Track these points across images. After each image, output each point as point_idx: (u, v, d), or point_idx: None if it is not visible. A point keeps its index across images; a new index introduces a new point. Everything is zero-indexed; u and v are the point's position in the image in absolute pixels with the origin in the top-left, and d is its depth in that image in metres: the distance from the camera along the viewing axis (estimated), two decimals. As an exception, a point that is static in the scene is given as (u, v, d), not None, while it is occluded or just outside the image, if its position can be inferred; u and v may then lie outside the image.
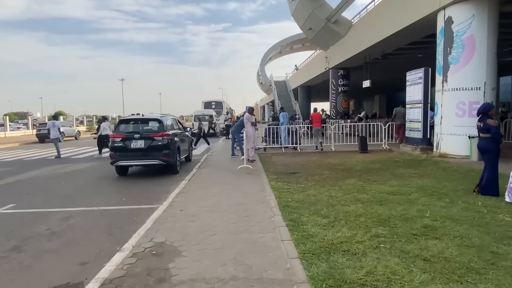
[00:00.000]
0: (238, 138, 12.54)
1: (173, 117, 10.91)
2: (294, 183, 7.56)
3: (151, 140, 8.95)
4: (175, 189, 7.34)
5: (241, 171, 9.35)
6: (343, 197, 6.12)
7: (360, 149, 12.89)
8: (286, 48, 61.51)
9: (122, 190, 7.94)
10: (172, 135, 9.49)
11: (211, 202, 6.04)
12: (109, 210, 6.14)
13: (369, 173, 8.54)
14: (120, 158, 8.94)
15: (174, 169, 9.53)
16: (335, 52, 22.59)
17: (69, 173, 10.58)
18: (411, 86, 12.76)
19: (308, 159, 11.41)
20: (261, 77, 59.66)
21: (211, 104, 33.12)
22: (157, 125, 9.34)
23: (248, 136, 10.76)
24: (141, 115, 10.10)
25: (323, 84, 33.23)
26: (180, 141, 10.36)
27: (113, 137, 9.03)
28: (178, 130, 10.68)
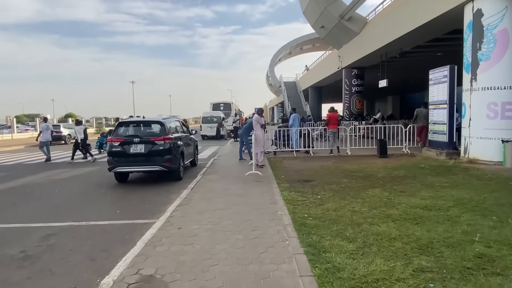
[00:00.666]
0: (246, 141, 11.71)
1: (177, 119, 10.14)
2: (310, 193, 6.69)
3: (152, 144, 8.18)
4: (176, 199, 6.54)
5: (250, 178, 8.52)
6: (369, 213, 5.23)
7: (380, 153, 11.93)
8: (296, 48, 60.62)
9: (118, 200, 7.17)
10: (175, 139, 8.72)
11: (215, 217, 5.20)
12: (98, 226, 5.35)
13: (394, 182, 7.61)
14: (118, 163, 8.19)
15: (177, 175, 8.75)
16: (349, 50, 21.63)
17: (66, 179, 9.88)
18: (435, 85, 11.77)
19: (323, 165, 10.51)
20: (271, 78, 58.86)
21: (219, 106, 32.39)
22: (158, 128, 8.57)
23: (257, 139, 9.93)
24: (141, 117, 9.32)
25: (335, 85, 32.24)
26: (184, 145, 9.58)
27: (111, 141, 8.28)
28: (182, 133, 9.91)
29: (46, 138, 13.75)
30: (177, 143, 8.83)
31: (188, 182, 8.32)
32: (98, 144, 16.74)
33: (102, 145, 16.63)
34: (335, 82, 30.60)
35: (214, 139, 25.09)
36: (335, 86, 33.84)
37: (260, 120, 10.28)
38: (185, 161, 9.64)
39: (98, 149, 16.70)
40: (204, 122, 26.46)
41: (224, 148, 17.86)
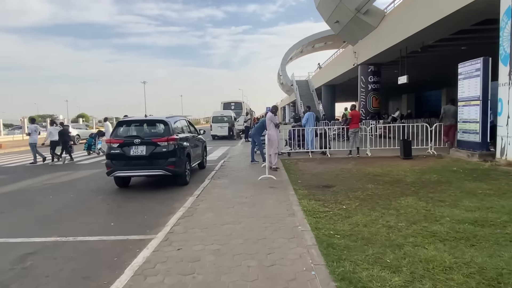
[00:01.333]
0: (258, 142, 10.86)
1: (183, 118, 9.35)
2: (332, 202, 5.80)
3: (155, 145, 7.39)
4: (179, 208, 5.74)
5: (263, 183, 7.66)
6: (408, 230, 4.32)
7: (403, 154, 10.93)
8: (307, 47, 59.39)
9: (115, 208, 6.40)
10: (181, 140, 7.92)
11: (222, 234, 4.37)
12: (87, 243, 4.58)
13: (428, 188, 6.65)
14: (117, 167, 7.43)
15: (183, 179, 7.96)
16: (365, 46, 20.58)
17: (65, 183, 9.19)
18: (465, 80, 10.70)
19: (343, 167, 9.58)
20: (282, 77, 57.83)
21: (230, 105, 31.64)
22: (161, 128, 7.78)
23: (270, 140, 9.07)
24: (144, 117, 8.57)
25: (349, 82, 31.15)
26: (191, 147, 8.79)
27: (109, 142, 7.53)
28: (189, 134, 9.12)
29: (34, 139, 13.13)
30: (183, 144, 8.03)
31: (194, 187, 7.52)
32: (87, 145, 16.05)
33: (90, 147, 15.94)
34: (350, 80, 29.51)
35: (224, 139, 24.33)
36: (349, 84, 32.72)
37: (274, 119, 9.41)
38: (192, 163, 8.85)
39: (86, 150, 16.03)
40: (214, 121, 25.69)
41: (235, 148, 17.05)
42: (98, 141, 15.94)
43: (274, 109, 9.85)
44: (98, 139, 15.97)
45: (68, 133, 14.14)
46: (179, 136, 7.91)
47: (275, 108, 9.99)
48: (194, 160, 9.22)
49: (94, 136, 16.09)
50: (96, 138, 15.96)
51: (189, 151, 8.39)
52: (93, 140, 15.90)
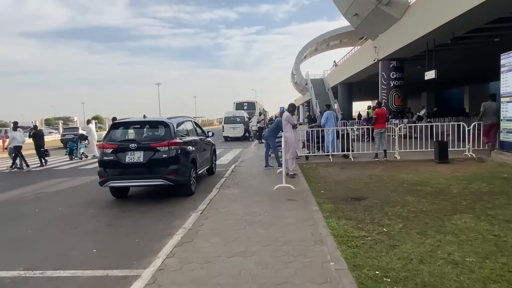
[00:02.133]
0: (273, 145, 9.72)
1: (189, 119, 8.30)
2: (368, 221, 4.64)
3: (153, 151, 6.36)
4: (178, 229, 4.69)
5: (279, 194, 6.54)
6: (482, 268, 3.14)
7: (438, 157, 9.63)
8: (322, 45, 57.99)
9: (104, 227, 5.38)
10: (184, 144, 6.88)
11: (228, 273, 3.26)
12: (55, 281, 3.54)
13: (483, 202, 5.41)
14: (111, 176, 6.42)
15: (187, 189, 6.91)
16: (387, 40, 19.20)
17: (59, 192, 8.26)
18: (509, 72, 9.33)
19: (371, 174, 8.37)
20: (296, 76, 56.53)
21: (243, 105, 30.61)
22: (162, 130, 6.74)
23: (287, 142, 7.94)
24: None
25: (367, 80, 29.72)
26: (197, 151, 7.75)
27: (102, 148, 6.53)
28: (195, 137, 8.08)
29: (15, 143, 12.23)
30: (187, 149, 6.99)
31: (200, 199, 6.47)
32: (68, 150, 15.12)
33: (72, 151, 15.00)
34: (368, 77, 28.10)
35: (237, 141, 23.28)
36: (368, 82, 31.26)
37: (291, 119, 8.26)
38: (198, 170, 7.80)
39: (68, 155, 15.11)
40: (226, 122, 24.68)
41: (248, 151, 15.96)
42: (80, 145, 15.11)
43: (292, 108, 8.70)
44: (81, 143, 15.14)
45: (42, 137, 13.44)
46: (182, 139, 6.85)
47: (292, 106, 8.84)
48: (201, 166, 8.17)
49: (76, 140, 15.19)
50: (79, 142, 15.10)
51: (194, 156, 7.33)
52: (75, 144, 15.04)
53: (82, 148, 15.19)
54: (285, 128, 8.26)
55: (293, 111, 8.61)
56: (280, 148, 10.75)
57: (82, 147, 15.18)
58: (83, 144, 15.27)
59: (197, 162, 7.59)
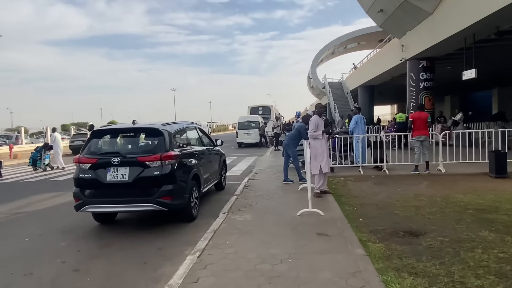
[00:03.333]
0: (293, 155, 8.18)
1: (192, 126, 6.83)
2: (447, 281, 3.05)
3: (142, 167, 4.92)
4: (163, 286, 3.21)
5: (305, 223, 4.99)
6: None
7: (496, 171, 7.90)
8: (339, 48, 56.13)
9: (66, 275, 3.91)
10: (184, 156, 5.44)
11: None
12: None
13: None
14: (88, 199, 5.02)
15: (187, 214, 5.46)
16: (416, 37, 17.42)
17: (38, 213, 6.92)
18: None
19: (416, 192, 6.73)
20: (312, 80, 54.81)
21: (258, 110, 29.16)
22: (154, 140, 5.32)
23: (316, 154, 6.39)
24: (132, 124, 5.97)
25: (391, 82, 27.92)
26: (202, 164, 6.31)
27: (78, 162, 5.14)
28: (200, 146, 6.65)
29: None
30: (188, 162, 5.54)
31: (202, 227, 5.03)
32: (31, 160, 13.82)
33: (35, 162, 13.70)
34: (392, 79, 26.28)
35: (252, 147, 21.82)
36: (391, 84, 29.39)
37: (320, 124, 6.69)
38: (203, 188, 6.35)
39: (31, 166, 13.84)
40: (240, 128, 23.25)
41: (263, 160, 14.44)
42: (45, 156, 13.78)
43: (320, 110, 7.06)
44: (45, 153, 13.83)
45: None
46: (181, 151, 5.40)
47: (320, 107, 7.18)
48: (207, 182, 6.71)
49: (40, 149, 13.86)
50: (43, 152, 13.77)
51: (197, 171, 5.88)
52: (39, 155, 13.73)
53: (48, 158, 13.93)
54: (310, 135, 6.72)
55: (321, 112, 6.99)
56: (301, 158, 9.23)
57: (47, 157, 13.92)
58: (48, 154, 14.01)
59: (201, 178, 6.13)
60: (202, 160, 6.45)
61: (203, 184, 6.33)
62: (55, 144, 14.16)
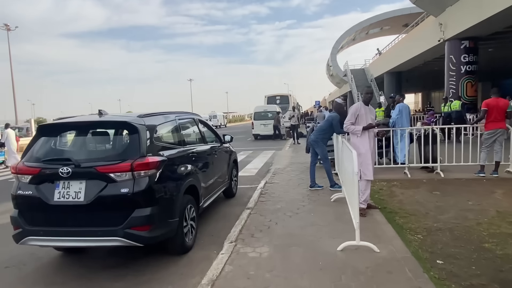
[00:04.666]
0: (322, 154, 6.36)
1: (188, 117, 5.07)
2: None
3: (104, 180, 3.23)
4: None
5: (353, 270, 3.22)
6: None
7: None
8: (361, 33, 53.18)
9: None
10: (172, 163, 3.75)
11: None
12: None
13: None
14: (29, 228, 3.38)
15: (175, 246, 3.78)
16: (459, 13, 15.10)
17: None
18: None
19: (498, 207, 4.84)
20: (332, 67, 52.19)
21: (275, 99, 27.23)
22: (124, 140, 3.65)
23: (360, 153, 4.56)
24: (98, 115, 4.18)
25: (422, 68, 25.52)
26: (203, 170, 4.64)
27: (15, 173, 3.50)
28: (200, 145, 4.95)
29: None
30: (178, 171, 3.86)
31: (196, 271, 3.36)
32: None
33: None
34: (424, 64, 23.85)
35: (269, 139, 20.03)
36: (422, 70, 26.93)
37: (367, 112, 4.85)
38: (205, 200, 4.68)
39: None
40: (256, 118, 21.43)
41: (282, 155, 12.67)
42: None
43: (367, 96, 4.91)
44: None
45: None
46: (167, 155, 3.69)
47: (367, 92, 4.94)
48: (211, 192, 5.02)
49: None
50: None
51: (194, 181, 4.19)
52: None
53: (2, 155, 12.50)
54: (346, 128, 4.89)
55: (369, 99, 5.04)
56: (332, 156, 7.42)
57: (1, 154, 12.49)
58: (3, 151, 12.60)
59: (201, 190, 4.43)
60: (203, 164, 4.75)
61: (204, 196, 4.63)
62: (7, 141, 12.71)
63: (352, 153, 3.60)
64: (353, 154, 3.60)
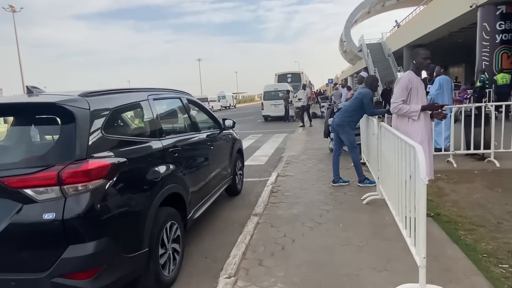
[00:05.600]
0: (349, 142, 5.01)
1: (174, 96, 3.77)
2: None
3: (16, 200, 1.99)
4: None
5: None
6: None
7: None
8: (376, 6, 50.35)
9: None
10: (135, 164, 2.51)
11: None
12: None
13: None
14: None
15: (147, 285, 2.56)
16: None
17: None
18: None
19: None
20: (346, 43, 49.73)
21: (286, 77, 25.65)
22: (51, 134, 2.42)
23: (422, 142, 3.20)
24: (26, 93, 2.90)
25: (446, 40, 23.47)
26: (193, 168, 3.43)
27: None
28: (189, 134, 3.69)
29: None
30: (148, 176, 2.61)
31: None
32: None
33: None
34: (450, 35, 21.85)
35: (281, 121, 18.66)
36: (446, 43, 24.77)
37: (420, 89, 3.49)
38: (194, 211, 3.45)
39: None
40: (266, 98, 19.98)
41: (295, 138, 11.36)
42: None
43: (424, 62, 3.55)
44: None
45: None
46: (123, 155, 2.42)
47: (425, 57, 3.56)
48: (204, 197, 3.79)
49: None
50: None
51: (177, 188, 2.96)
52: None
53: None
54: (395, 109, 3.54)
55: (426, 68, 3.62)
56: (359, 139, 6.11)
57: None
58: None
59: (188, 196, 3.20)
60: (193, 160, 3.52)
61: (194, 205, 3.41)
62: None
63: (416, 149, 2.28)
64: (416, 150, 2.27)
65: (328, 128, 7.69)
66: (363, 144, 6.13)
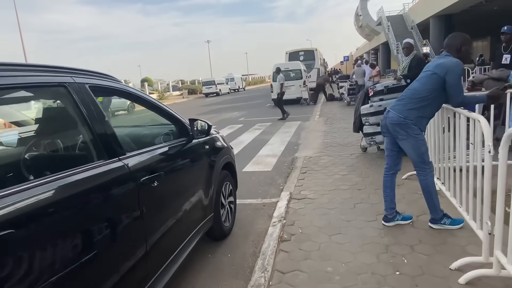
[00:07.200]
0: (417, 150, 2.82)
1: (67, 81, 1.67)
2: None
3: None
4: None
5: None
6: None
7: None
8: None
9: None
10: None
11: None
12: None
13: None
14: None
15: None
16: None
17: None
18: None
19: None
20: (362, 17, 46.28)
21: (298, 55, 23.07)
22: None
23: None
24: None
25: (480, 8, 20.54)
26: (116, 224, 1.35)
27: None
28: (110, 162, 1.59)
29: None
30: None
31: None
32: None
33: None
34: (486, 2, 18.93)
35: (293, 104, 16.38)
36: (480, 11, 21.77)
37: None
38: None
39: None
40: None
41: (310, 129, 9.19)
42: None
43: None
44: None
45: None
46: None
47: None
48: (162, 252, 1.73)
49: None
50: None
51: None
52: None
53: None
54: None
55: None
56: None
57: None
58: None
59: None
60: (117, 209, 1.45)
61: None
62: None
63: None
64: None
65: (359, 120, 5.51)
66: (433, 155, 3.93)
